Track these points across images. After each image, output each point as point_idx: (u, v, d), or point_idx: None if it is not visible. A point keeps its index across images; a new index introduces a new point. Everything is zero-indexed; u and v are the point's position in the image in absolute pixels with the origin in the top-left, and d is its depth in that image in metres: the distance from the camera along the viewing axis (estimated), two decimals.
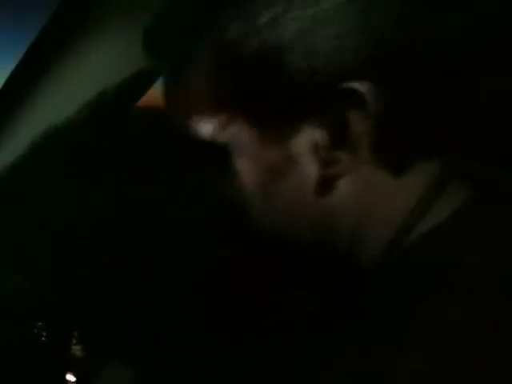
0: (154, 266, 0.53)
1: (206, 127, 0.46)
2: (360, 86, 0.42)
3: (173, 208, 0.83)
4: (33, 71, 0.78)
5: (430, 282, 0.43)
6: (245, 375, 0.53)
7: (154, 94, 0.83)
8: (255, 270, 0.54)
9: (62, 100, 0.77)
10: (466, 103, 0.49)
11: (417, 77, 0.44)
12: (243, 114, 0.45)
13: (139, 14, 0.76)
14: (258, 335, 0.56)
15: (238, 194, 0.47)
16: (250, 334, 0.56)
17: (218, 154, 0.46)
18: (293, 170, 0.45)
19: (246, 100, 0.45)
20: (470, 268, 0.43)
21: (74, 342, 0.79)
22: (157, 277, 0.63)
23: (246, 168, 0.46)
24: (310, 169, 0.45)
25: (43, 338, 0.80)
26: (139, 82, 0.79)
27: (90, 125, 0.78)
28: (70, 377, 0.77)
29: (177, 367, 0.52)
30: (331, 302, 0.52)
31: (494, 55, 0.48)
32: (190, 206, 0.64)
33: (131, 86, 0.79)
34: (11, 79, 0.80)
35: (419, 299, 0.43)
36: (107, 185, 0.90)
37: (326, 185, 0.46)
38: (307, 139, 0.45)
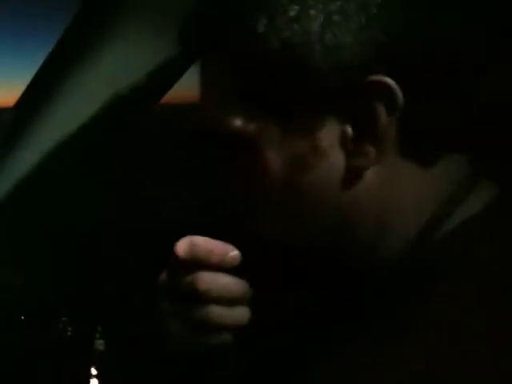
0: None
1: (235, 120, 0.47)
2: (388, 79, 0.43)
3: (193, 205, 0.84)
4: (54, 74, 0.80)
5: (452, 278, 0.43)
6: (244, 375, 0.54)
7: (174, 93, 0.84)
8: (280, 264, 0.54)
9: (82, 101, 0.78)
10: (494, 102, 0.48)
11: (439, 74, 0.44)
12: (271, 107, 0.46)
13: (156, 16, 0.76)
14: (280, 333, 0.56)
15: (265, 186, 0.48)
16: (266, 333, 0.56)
17: (245, 147, 0.47)
18: (320, 161, 0.46)
19: (274, 92, 0.45)
20: (494, 266, 0.43)
21: (97, 336, 0.81)
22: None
23: (274, 159, 0.46)
24: (338, 161, 0.46)
25: (68, 333, 0.82)
26: (158, 82, 0.80)
27: (110, 125, 0.79)
28: (93, 370, 0.79)
29: (177, 366, 0.52)
30: (351, 297, 0.52)
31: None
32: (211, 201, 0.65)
33: (150, 86, 0.79)
34: (34, 81, 0.82)
35: (436, 297, 0.43)
36: (124, 183, 0.91)
37: (352, 177, 0.46)
38: (334, 131, 0.45)
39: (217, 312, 0.51)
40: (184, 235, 0.51)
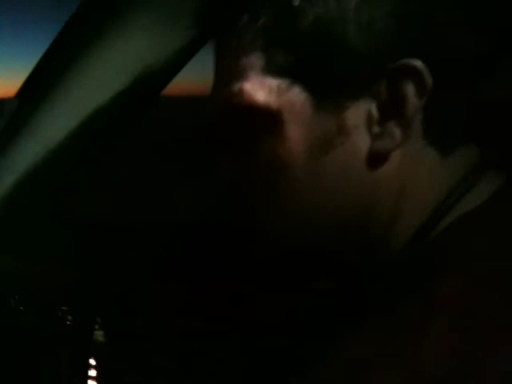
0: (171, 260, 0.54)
1: (260, 93, 0.46)
2: (419, 63, 0.43)
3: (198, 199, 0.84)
4: (59, 63, 0.79)
5: (452, 276, 0.43)
6: (244, 375, 0.54)
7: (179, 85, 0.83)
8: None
9: (89, 90, 0.77)
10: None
11: (464, 65, 0.45)
12: (299, 82, 0.46)
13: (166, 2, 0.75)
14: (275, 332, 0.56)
15: (286, 162, 0.47)
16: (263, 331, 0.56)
17: (270, 121, 0.46)
18: (344, 141, 0.45)
19: (303, 69, 0.45)
20: (495, 259, 0.43)
21: (96, 327, 0.81)
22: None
23: (297, 136, 0.46)
24: (362, 141, 0.45)
25: (67, 323, 0.82)
26: (166, 69, 0.79)
27: (116, 114, 0.79)
28: (92, 361, 0.79)
29: (178, 366, 0.53)
30: (351, 297, 0.52)
31: None
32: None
33: (158, 73, 0.78)
34: (37, 69, 0.81)
35: (436, 296, 0.42)
36: (124, 177, 0.91)
37: (376, 158, 0.46)
38: (361, 111, 0.45)
39: None
40: (184, 232, 0.51)
